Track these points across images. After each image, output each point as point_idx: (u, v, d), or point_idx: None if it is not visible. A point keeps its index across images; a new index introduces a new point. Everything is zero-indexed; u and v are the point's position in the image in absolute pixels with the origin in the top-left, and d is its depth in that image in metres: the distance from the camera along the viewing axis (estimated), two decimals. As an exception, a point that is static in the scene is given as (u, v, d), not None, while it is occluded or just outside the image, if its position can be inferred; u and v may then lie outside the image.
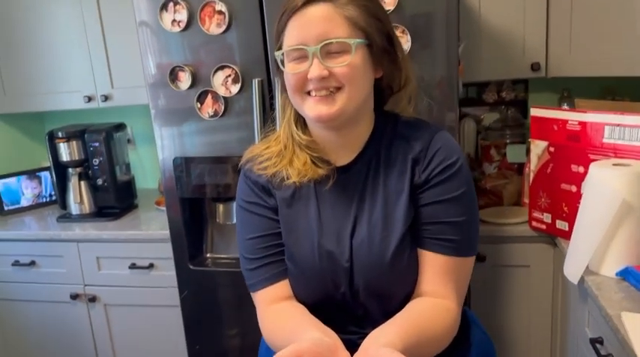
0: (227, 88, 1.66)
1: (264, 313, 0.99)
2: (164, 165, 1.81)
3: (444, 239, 0.94)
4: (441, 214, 0.94)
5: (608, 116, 1.42)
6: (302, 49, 0.90)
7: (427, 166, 0.95)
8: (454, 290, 0.94)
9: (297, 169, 0.98)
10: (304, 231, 0.98)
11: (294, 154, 1.00)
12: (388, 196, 0.96)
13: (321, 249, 0.96)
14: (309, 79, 0.90)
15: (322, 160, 0.99)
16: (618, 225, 1.30)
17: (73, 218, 2.26)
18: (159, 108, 1.76)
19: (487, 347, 1.15)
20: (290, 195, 1.00)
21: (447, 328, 0.92)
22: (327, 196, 0.99)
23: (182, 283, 1.87)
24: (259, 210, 1.01)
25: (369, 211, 0.96)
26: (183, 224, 1.83)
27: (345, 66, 0.89)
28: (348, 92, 0.91)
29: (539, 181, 1.64)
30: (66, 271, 2.17)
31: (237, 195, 1.05)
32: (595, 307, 1.31)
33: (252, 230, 1.01)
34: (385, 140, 0.99)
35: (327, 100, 0.91)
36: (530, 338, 1.85)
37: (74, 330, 2.23)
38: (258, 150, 1.05)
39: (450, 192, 0.94)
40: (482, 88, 2.23)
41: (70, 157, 2.25)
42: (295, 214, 0.99)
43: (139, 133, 2.58)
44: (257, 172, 1.02)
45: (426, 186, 0.95)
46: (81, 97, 2.26)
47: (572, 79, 1.97)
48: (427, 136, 0.97)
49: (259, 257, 1.00)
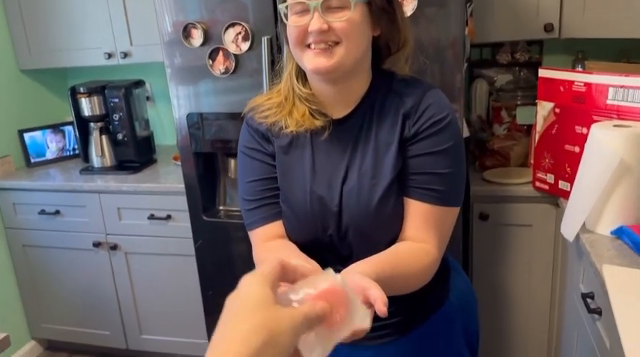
0: (237, 46, 1.70)
1: (258, 249, 1.07)
2: (179, 122, 1.87)
3: (429, 189, 0.99)
4: (427, 166, 0.99)
5: (613, 78, 1.43)
6: (304, 3, 0.94)
7: (417, 120, 1.00)
8: (435, 237, 0.99)
9: (295, 119, 1.04)
10: (298, 177, 1.05)
11: (294, 105, 1.05)
12: (379, 147, 1.01)
13: (313, 194, 1.03)
14: (310, 32, 0.95)
15: (320, 112, 1.04)
16: (615, 185, 1.33)
17: (95, 171, 2.36)
18: (174, 66, 1.81)
19: (467, 292, 1.21)
20: (287, 143, 1.06)
21: (424, 268, 0.98)
22: (322, 146, 1.05)
23: (196, 234, 1.97)
24: (258, 155, 1.08)
25: (360, 160, 1.02)
26: (197, 178, 1.91)
27: (344, 21, 0.94)
28: (346, 47, 0.95)
29: (544, 142, 1.66)
30: (88, 220, 2.28)
31: (239, 141, 1.12)
32: (588, 264, 1.35)
33: (251, 174, 1.08)
34: (380, 96, 1.04)
35: (325, 53, 0.95)
36: (531, 294, 1.90)
37: (97, 276, 2.36)
38: (260, 100, 1.11)
39: (438, 145, 0.99)
40: (497, 49, 2.22)
41: (91, 111, 2.33)
42: (291, 160, 1.06)
43: (158, 91, 2.64)
44: (258, 121, 1.08)
45: (415, 139, 1.00)
46: (101, 53, 2.32)
47: (587, 41, 1.95)
48: (419, 93, 1.02)
49: (257, 199, 1.07)
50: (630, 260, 1.24)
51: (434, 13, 1.54)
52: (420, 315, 1.07)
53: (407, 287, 0.97)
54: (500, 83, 2.22)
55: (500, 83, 2.22)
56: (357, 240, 1.02)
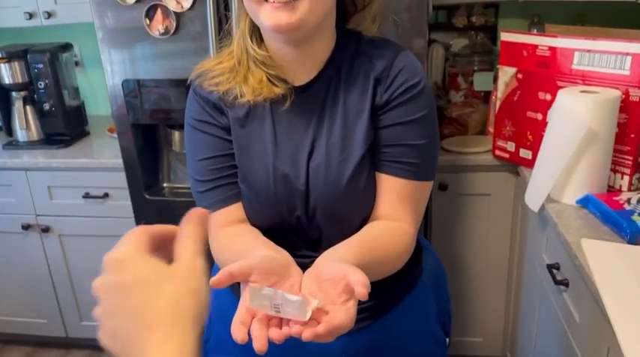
0: (178, 2, 1.52)
1: (215, 236, 0.94)
2: (114, 89, 1.70)
3: (403, 162, 0.90)
4: (401, 137, 0.90)
5: (579, 42, 1.38)
6: None
7: (389, 86, 0.90)
8: (411, 214, 0.92)
9: (251, 86, 0.91)
10: (258, 152, 0.93)
11: (249, 70, 0.92)
12: (348, 117, 0.91)
13: (276, 172, 0.92)
14: None
15: (279, 78, 0.92)
16: (582, 153, 1.29)
17: (20, 145, 2.13)
18: (106, 27, 1.62)
19: (438, 270, 1.16)
20: (244, 114, 0.93)
21: (402, 250, 0.91)
22: (284, 117, 0.93)
23: (138, 213, 1.81)
24: (210, 129, 0.95)
25: (328, 132, 0.91)
26: (136, 152, 1.74)
27: None
28: (310, 1, 0.82)
29: (505, 109, 1.61)
30: (15, 200, 2.07)
31: (186, 113, 0.98)
32: (553, 234, 1.32)
33: (203, 151, 0.95)
34: (347, 58, 0.93)
35: (286, 7, 0.81)
36: (489, 265, 1.88)
37: (28, 261, 2.16)
38: (209, 65, 0.96)
39: (412, 114, 0.90)
40: (453, 12, 2.14)
41: (12, 79, 2.08)
42: (249, 134, 0.94)
43: (88, 55, 2.41)
44: (208, 89, 0.94)
45: (387, 107, 0.90)
46: (21, 13, 2.06)
47: (543, 4, 1.91)
48: (390, 55, 0.91)
49: (211, 179, 0.95)
50: (598, 230, 1.22)
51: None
52: (394, 297, 1.00)
53: (385, 271, 0.89)
54: (456, 48, 2.15)
55: (456, 48, 2.15)
56: (326, 221, 0.92)
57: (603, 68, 1.34)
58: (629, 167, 1.34)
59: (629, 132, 1.32)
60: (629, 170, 1.35)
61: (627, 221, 1.16)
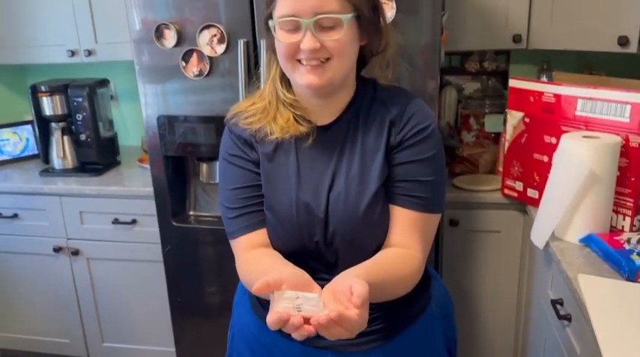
0: (212, 48, 1.67)
1: (241, 258, 1.06)
2: (148, 122, 1.82)
3: (414, 196, 1.01)
4: (413, 173, 1.01)
5: (582, 90, 1.47)
6: (296, 21, 0.93)
7: (402, 128, 1.01)
8: (420, 243, 1.02)
9: (279, 125, 1.03)
10: (283, 183, 1.04)
11: (278, 111, 1.05)
12: (365, 155, 1.02)
13: (299, 201, 1.02)
14: (302, 50, 0.94)
15: (304, 118, 1.04)
16: (584, 194, 1.37)
17: (56, 173, 2.27)
18: (143, 65, 1.76)
19: (446, 299, 1.23)
20: (272, 149, 1.05)
21: (411, 274, 0.99)
22: (307, 152, 1.05)
23: (165, 239, 1.92)
24: (241, 162, 1.06)
25: (347, 167, 1.02)
26: (166, 181, 1.86)
27: (337, 40, 0.94)
28: (337, 62, 0.96)
29: (514, 150, 1.70)
30: (49, 224, 2.19)
31: (221, 148, 1.10)
32: (557, 271, 1.39)
33: (233, 181, 1.07)
34: (365, 104, 1.05)
35: (317, 70, 0.96)
36: (498, 299, 1.94)
37: (57, 283, 2.27)
38: (243, 106, 1.10)
39: (422, 153, 1.01)
40: (466, 57, 2.26)
41: (53, 111, 2.24)
42: (276, 167, 1.05)
43: (122, 90, 2.57)
44: (241, 127, 1.07)
45: (400, 147, 1.01)
46: (64, 51, 2.24)
47: (552, 52, 2.01)
48: (403, 102, 1.04)
49: (239, 207, 1.06)
50: (599, 267, 1.28)
51: (410, 20, 1.56)
52: (403, 322, 1.08)
53: (395, 292, 0.99)
54: (469, 91, 2.26)
55: (469, 91, 2.26)
56: (343, 246, 1.02)
57: (605, 115, 1.43)
58: (630, 209, 1.41)
59: (630, 175, 1.39)
60: (631, 212, 1.42)
61: (626, 260, 1.23)
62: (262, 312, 1.13)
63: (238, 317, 1.23)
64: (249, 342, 1.17)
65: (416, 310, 1.10)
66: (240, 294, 1.25)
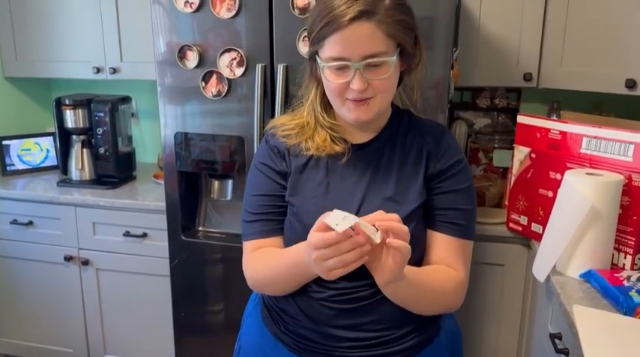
0: (232, 70, 1.74)
1: (248, 257, 1.13)
2: (165, 140, 1.88)
3: (455, 223, 1.08)
4: (453, 202, 1.08)
5: (587, 128, 1.51)
6: (345, 63, 0.97)
7: (440, 159, 1.09)
8: (462, 265, 1.09)
9: (316, 143, 1.09)
10: (311, 192, 1.08)
11: (316, 131, 1.11)
12: (402, 179, 1.08)
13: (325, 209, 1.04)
14: (350, 89, 0.99)
15: (340, 138, 1.10)
16: (586, 230, 1.38)
17: (73, 184, 2.34)
18: (165, 85, 1.84)
19: (455, 331, 1.25)
20: (304, 163, 1.11)
21: (453, 288, 1.06)
22: (339, 169, 1.10)
23: (173, 252, 1.96)
24: (268, 172, 1.12)
25: (382, 188, 1.07)
26: (179, 197, 1.91)
27: (384, 80, 0.99)
28: (383, 98, 1.03)
29: (519, 184, 1.73)
30: (62, 233, 2.25)
31: (255, 155, 1.17)
32: (557, 305, 1.40)
33: (257, 188, 1.13)
34: (401, 130, 1.12)
35: (363, 106, 1.01)
36: (500, 332, 1.94)
37: (65, 291, 2.31)
38: (283, 120, 1.17)
39: (460, 184, 1.09)
40: (477, 93, 2.31)
41: (74, 124, 2.32)
42: (305, 179, 1.10)
43: (143, 108, 2.65)
44: (279, 139, 1.13)
45: (441, 177, 1.08)
46: (90, 67, 2.33)
47: (563, 92, 2.04)
48: (439, 134, 1.12)
49: (257, 213, 1.12)
50: (597, 303, 1.29)
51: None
52: (408, 350, 1.09)
53: (434, 301, 1.05)
54: (479, 126, 2.30)
55: (479, 126, 2.30)
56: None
57: (609, 154, 1.46)
58: (632, 247, 1.43)
59: (632, 214, 1.41)
60: (632, 250, 1.43)
61: (624, 296, 1.24)
62: (273, 325, 1.16)
63: (247, 329, 1.25)
64: (255, 355, 1.19)
65: (423, 339, 1.11)
66: (252, 305, 1.27)
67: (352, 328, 1.05)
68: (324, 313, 1.06)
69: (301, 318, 1.09)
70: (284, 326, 1.13)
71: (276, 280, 1.08)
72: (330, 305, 1.05)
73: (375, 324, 1.05)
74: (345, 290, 1.04)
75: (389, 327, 1.06)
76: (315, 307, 1.07)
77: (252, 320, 1.23)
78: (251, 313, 1.26)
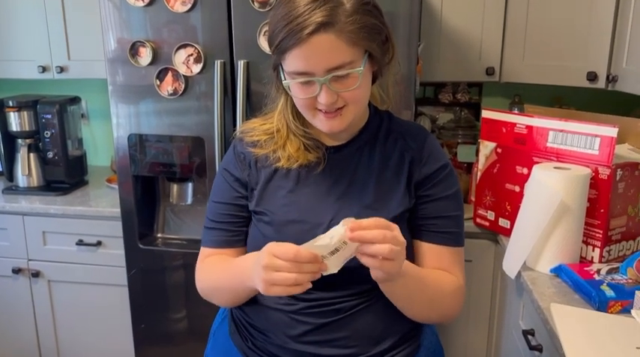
0: (188, 67, 1.65)
1: (199, 264, 1.10)
2: (118, 142, 1.78)
3: (447, 232, 1.03)
4: (444, 209, 1.03)
5: (553, 122, 1.50)
6: (309, 78, 0.91)
7: (424, 164, 1.03)
8: (460, 272, 1.06)
9: (288, 153, 1.03)
10: (280, 201, 1.03)
11: (288, 139, 1.05)
12: (382, 185, 1.02)
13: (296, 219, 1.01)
14: (319, 102, 0.93)
15: (315, 145, 1.04)
16: (555, 225, 1.38)
17: (20, 191, 2.20)
18: (117, 84, 1.73)
19: (437, 350, 1.19)
20: (273, 170, 1.05)
21: (451, 291, 1.02)
22: (311, 175, 1.04)
23: (130, 262, 1.86)
24: (230, 179, 1.08)
25: (359, 196, 1.01)
26: (134, 202, 1.81)
27: (353, 91, 0.93)
28: (355, 107, 0.97)
29: (485, 180, 1.72)
30: (9, 244, 2.11)
31: (223, 160, 1.13)
32: (529, 301, 1.38)
33: (218, 195, 1.09)
34: (382, 133, 1.06)
35: (336, 117, 0.96)
36: (469, 329, 1.93)
37: (14, 305, 2.17)
38: (253, 124, 1.10)
39: (449, 189, 1.04)
40: (439, 88, 2.30)
41: (20, 127, 2.18)
42: (274, 187, 1.04)
43: (94, 109, 2.52)
44: (247, 147, 1.07)
45: (429, 184, 1.03)
46: (35, 66, 2.19)
47: (524, 86, 2.06)
48: (421, 138, 1.06)
49: (217, 221, 1.08)
50: (570, 298, 1.28)
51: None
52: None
53: (435, 301, 1.01)
54: (442, 121, 2.29)
55: (442, 121, 2.29)
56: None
57: (575, 147, 1.45)
58: (599, 240, 1.43)
59: (599, 207, 1.41)
60: (600, 243, 1.43)
61: (596, 290, 1.23)
62: (240, 341, 1.10)
63: (214, 346, 1.19)
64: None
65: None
66: (219, 319, 1.22)
67: (326, 344, 0.98)
68: (295, 328, 1.00)
69: (271, 334, 1.03)
70: (252, 342, 1.07)
71: (219, 289, 1.05)
72: (302, 319, 0.99)
73: (350, 340, 0.99)
74: (319, 302, 0.98)
75: (366, 343, 1.00)
76: (285, 322, 1.00)
77: (220, 336, 1.17)
78: (218, 328, 1.20)
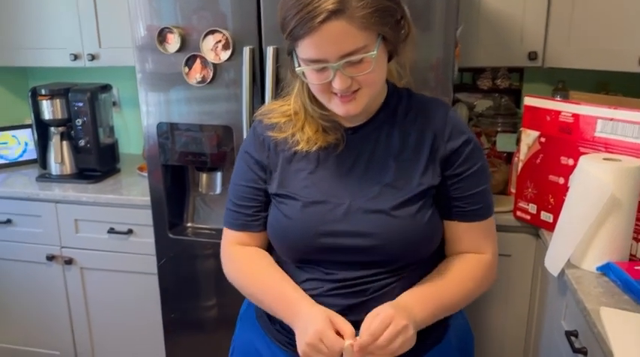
0: (217, 54, 1.61)
1: (227, 250, 1.12)
2: (148, 130, 1.76)
3: (478, 208, 1.04)
4: (474, 185, 1.03)
5: (602, 110, 1.40)
6: (322, 65, 0.91)
7: (449, 140, 1.02)
8: (488, 245, 1.07)
9: (307, 136, 1.03)
10: (301, 183, 1.03)
11: (306, 121, 1.05)
12: (403, 163, 1.01)
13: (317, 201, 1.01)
14: (333, 87, 0.93)
15: (333, 126, 1.03)
16: (604, 220, 1.29)
17: (53, 178, 2.21)
18: (146, 71, 1.71)
19: (466, 331, 1.17)
20: (293, 153, 1.05)
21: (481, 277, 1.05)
22: (331, 157, 1.04)
23: (160, 251, 1.85)
24: (250, 162, 1.08)
25: (379, 175, 1.01)
26: (164, 192, 1.79)
27: (367, 74, 0.92)
28: (370, 90, 0.96)
29: (527, 171, 1.63)
30: (43, 231, 2.13)
31: (243, 142, 1.14)
32: (573, 301, 1.31)
33: (240, 177, 1.10)
34: (401, 110, 1.05)
35: (351, 101, 0.95)
36: (507, 327, 1.86)
37: (48, 291, 2.20)
38: (273, 106, 1.11)
39: (476, 163, 1.03)
40: (478, 74, 2.20)
41: (52, 115, 2.19)
42: (295, 169, 1.05)
43: (126, 97, 2.52)
44: (266, 130, 1.08)
45: (457, 161, 1.02)
46: (67, 54, 2.19)
47: (568, 71, 1.94)
48: (442, 112, 1.04)
49: (238, 203, 1.10)
50: (618, 299, 1.20)
51: (425, 35, 1.49)
52: (418, 349, 0.99)
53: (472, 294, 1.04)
54: (481, 109, 2.20)
55: (481, 109, 2.20)
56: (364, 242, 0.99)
57: (626, 137, 1.36)
58: (651, 237, 1.34)
59: (652, 201, 1.32)
60: (652, 239, 1.34)
61: (648, 291, 1.15)
62: (267, 324, 1.10)
63: (241, 330, 1.20)
64: (249, 355, 1.11)
65: (431, 341, 1.04)
66: (246, 304, 1.22)
67: (353, 326, 0.95)
68: None
69: None
70: (280, 324, 1.06)
71: (255, 298, 1.07)
72: (328, 302, 0.98)
73: None
74: (345, 283, 0.99)
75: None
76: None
77: (246, 320, 1.18)
78: (245, 312, 1.21)
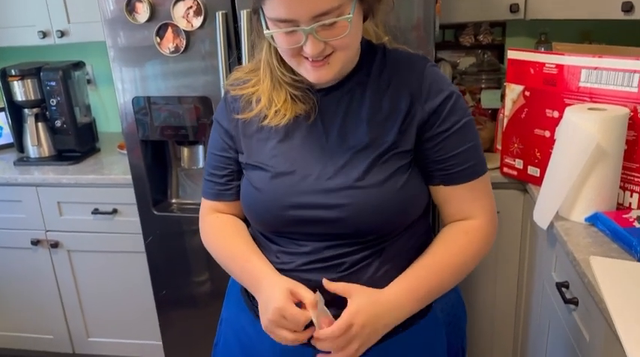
0: (188, 21, 1.55)
1: (203, 219, 1.10)
2: (124, 107, 1.71)
3: (464, 169, 0.95)
4: (460, 143, 0.95)
5: (585, 59, 1.38)
6: (292, 27, 0.84)
7: (428, 98, 0.93)
8: (481, 207, 0.99)
9: (274, 108, 0.97)
10: (270, 152, 0.98)
11: (274, 89, 0.98)
12: (377, 128, 0.94)
13: (287, 170, 0.96)
14: (305, 52, 0.86)
15: (303, 94, 0.96)
16: (590, 170, 1.28)
17: (31, 162, 2.16)
18: (117, 46, 1.65)
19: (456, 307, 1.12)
20: (260, 121, 1.00)
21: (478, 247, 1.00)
22: (301, 125, 0.98)
23: (146, 229, 1.82)
24: (221, 131, 1.05)
25: (353, 138, 0.94)
26: (145, 168, 1.76)
27: (342, 39, 0.85)
28: (344, 53, 0.89)
29: (513, 126, 1.61)
30: (25, 216, 2.09)
31: (215, 110, 1.10)
32: (562, 252, 1.31)
33: (212, 146, 1.07)
34: (375, 68, 0.97)
35: (324, 66, 0.89)
36: (497, 283, 1.87)
37: (37, 276, 2.17)
38: (240, 73, 1.05)
39: (460, 119, 0.94)
40: (460, 31, 2.16)
41: (25, 96, 2.12)
42: (264, 138, 0.99)
43: (100, 74, 2.45)
44: (235, 104, 1.03)
45: (438, 120, 0.94)
46: (35, 32, 2.11)
47: (550, 23, 1.91)
48: (419, 68, 0.95)
49: (212, 172, 1.07)
50: (607, 248, 1.21)
51: (401, -11, 1.45)
52: (399, 325, 0.95)
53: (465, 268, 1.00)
54: (464, 66, 2.16)
55: (464, 66, 2.16)
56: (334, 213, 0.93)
57: (611, 86, 1.34)
58: (638, 185, 1.33)
59: (638, 149, 1.31)
60: (639, 188, 1.34)
61: (637, 239, 1.15)
62: (248, 300, 1.07)
63: (228, 302, 1.18)
64: (235, 328, 1.10)
65: (415, 314, 0.97)
66: (232, 279, 1.18)
67: (329, 304, 0.91)
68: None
69: None
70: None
71: (227, 270, 1.06)
72: (302, 277, 0.94)
73: None
74: (318, 256, 0.94)
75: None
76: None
77: (232, 295, 1.15)
78: (231, 287, 1.18)
